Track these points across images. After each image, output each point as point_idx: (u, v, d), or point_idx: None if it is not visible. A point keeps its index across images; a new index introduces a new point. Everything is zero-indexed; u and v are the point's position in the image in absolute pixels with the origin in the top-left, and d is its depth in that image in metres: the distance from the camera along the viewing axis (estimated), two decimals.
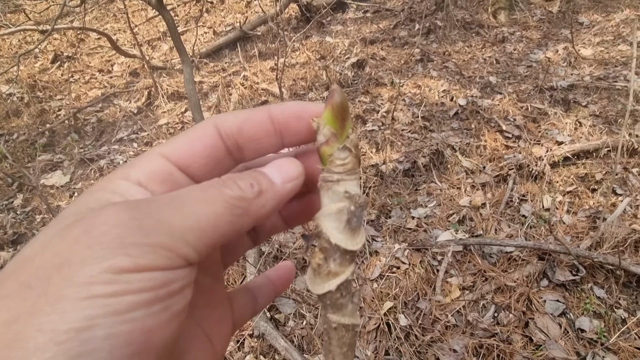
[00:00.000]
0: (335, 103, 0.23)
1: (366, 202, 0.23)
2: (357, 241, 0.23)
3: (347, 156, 0.23)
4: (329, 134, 0.23)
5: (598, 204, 1.84)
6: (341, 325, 0.23)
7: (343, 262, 0.23)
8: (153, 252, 0.18)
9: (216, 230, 0.20)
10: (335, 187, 0.23)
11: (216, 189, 0.21)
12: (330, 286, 0.23)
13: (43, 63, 4.14)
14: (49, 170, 2.67)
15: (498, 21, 4.00)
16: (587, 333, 1.34)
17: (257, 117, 0.24)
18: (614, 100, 2.58)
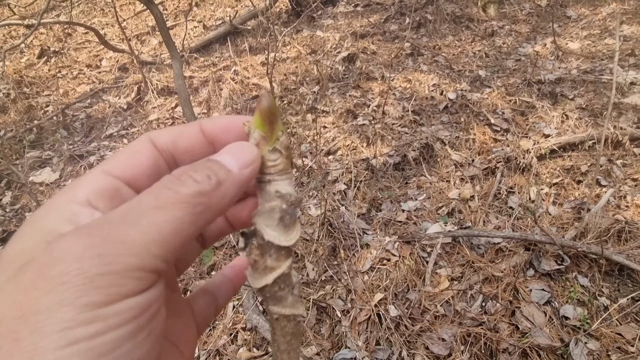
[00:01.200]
0: (263, 108, 0.24)
1: (298, 200, 0.24)
2: (290, 237, 0.24)
3: (278, 158, 0.24)
4: (258, 137, 0.24)
5: (583, 195, 1.88)
6: (282, 316, 0.24)
7: (279, 257, 0.24)
8: (122, 278, 0.16)
9: (180, 234, 0.19)
10: (267, 187, 0.24)
11: (170, 189, 0.19)
12: (267, 280, 0.24)
13: (29, 58, 4.08)
14: (38, 167, 2.65)
15: (488, 15, 4.02)
16: (571, 320, 1.39)
17: (189, 131, 0.25)
18: (599, 93, 2.63)
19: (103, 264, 0.16)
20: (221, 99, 3.12)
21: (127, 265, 0.17)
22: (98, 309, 0.16)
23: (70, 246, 0.17)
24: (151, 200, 0.19)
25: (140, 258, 0.17)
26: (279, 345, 0.25)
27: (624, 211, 1.75)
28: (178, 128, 0.25)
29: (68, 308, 0.15)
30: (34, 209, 2.29)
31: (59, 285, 0.16)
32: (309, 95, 3.01)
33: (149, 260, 0.17)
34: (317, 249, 1.81)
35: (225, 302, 0.30)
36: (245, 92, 3.17)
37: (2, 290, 0.17)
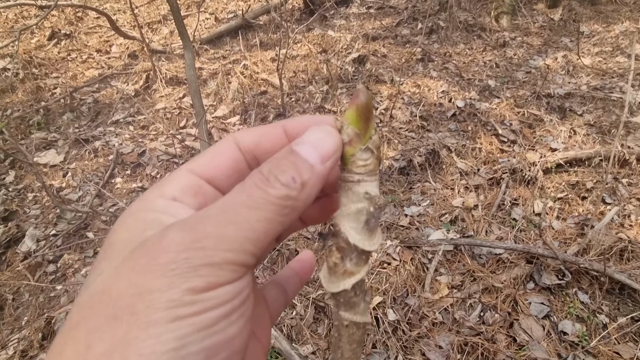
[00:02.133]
0: (361, 103, 0.23)
1: (385, 204, 0.24)
2: (374, 242, 0.23)
3: (369, 157, 0.23)
4: (352, 134, 0.23)
5: (587, 212, 1.88)
6: (352, 322, 0.24)
7: (359, 262, 0.23)
8: (220, 270, 0.19)
9: (269, 233, 0.21)
10: (356, 187, 0.23)
11: (260, 189, 0.21)
12: (345, 285, 0.23)
13: (40, 39, 4.07)
14: (43, 149, 2.65)
15: (500, 25, 4.02)
16: (569, 336, 1.38)
17: (272, 132, 0.25)
18: (608, 110, 2.62)
19: (205, 257, 0.19)
20: (229, 92, 3.12)
21: (225, 259, 0.19)
22: (200, 294, 0.18)
23: (178, 237, 0.19)
24: (245, 199, 0.21)
25: (236, 253, 0.19)
26: (342, 353, 0.24)
27: (627, 230, 1.75)
28: (262, 129, 0.26)
29: (176, 290, 0.18)
30: (37, 190, 2.29)
31: (169, 271, 0.18)
32: (318, 94, 3.01)
33: (242, 255, 0.20)
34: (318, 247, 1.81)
35: (294, 294, 0.32)
36: (253, 87, 3.17)
37: (119, 271, 0.19)
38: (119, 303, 0.18)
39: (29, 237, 1.99)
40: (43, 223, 2.10)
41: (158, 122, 2.85)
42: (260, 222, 0.20)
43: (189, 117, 2.90)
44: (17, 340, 1.56)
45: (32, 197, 2.29)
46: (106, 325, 0.18)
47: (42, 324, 1.59)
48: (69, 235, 2.01)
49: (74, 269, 1.85)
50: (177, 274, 0.18)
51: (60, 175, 2.42)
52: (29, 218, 2.14)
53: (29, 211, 2.19)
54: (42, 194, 2.25)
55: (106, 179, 2.36)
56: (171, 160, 2.48)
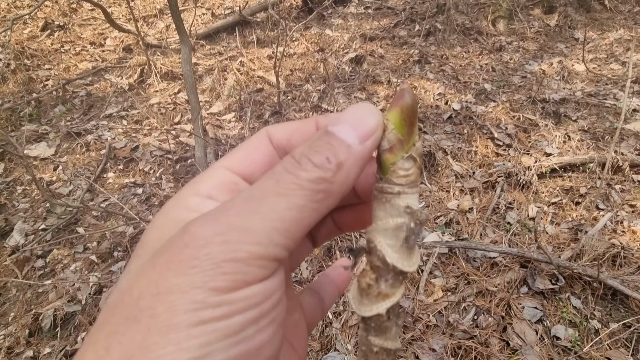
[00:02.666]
0: (406, 105, 0.20)
1: (427, 218, 0.21)
2: (413, 261, 0.21)
3: (412, 166, 0.21)
4: (394, 140, 0.21)
5: (581, 217, 1.89)
6: (383, 349, 0.21)
7: (395, 284, 0.21)
8: (246, 266, 0.17)
9: (302, 222, 0.19)
10: (396, 200, 0.21)
11: (290, 173, 0.19)
12: (379, 309, 0.21)
13: (32, 30, 4.00)
14: (33, 141, 2.59)
15: (497, 29, 4.04)
16: (562, 341, 1.39)
17: (305, 129, 0.24)
18: (602, 117, 2.65)
19: (229, 251, 0.17)
20: (225, 88, 3.09)
21: (251, 254, 0.17)
22: (225, 294, 0.17)
23: (199, 231, 0.17)
24: (272, 186, 0.19)
25: (263, 246, 0.17)
26: None
27: (620, 236, 1.77)
28: (295, 124, 0.24)
29: (198, 291, 0.16)
30: (27, 183, 2.25)
31: (190, 269, 0.17)
32: (314, 93, 2.99)
33: (271, 248, 0.18)
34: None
35: (331, 303, 0.30)
36: (249, 84, 3.14)
37: (143, 271, 0.18)
38: (140, 303, 0.17)
39: (18, 231, 1.95)
40: (32, 217, 2.06)
41: (152, 117, 2.82)
42: (290, 210, 0.18)
43: (183, 112, 2.87)
44: (3, 337, 1.52)
45: (22, 190, 2.24)
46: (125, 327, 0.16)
47: (29, 320, 1.55)
48: (58, 230, 1.97)
49: (63, 265, 1.81)
50: (199, 272, 0.17)
51: (50, 169, 2.38)
52: (17, 211, 2.10)
53: (18, 204, 2.14)
54: (32, 187, 2.21)
55: (98, 174, 2.32)
56: (165, 156, 2.44)
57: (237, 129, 2.71)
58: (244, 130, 2.67)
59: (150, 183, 2.28)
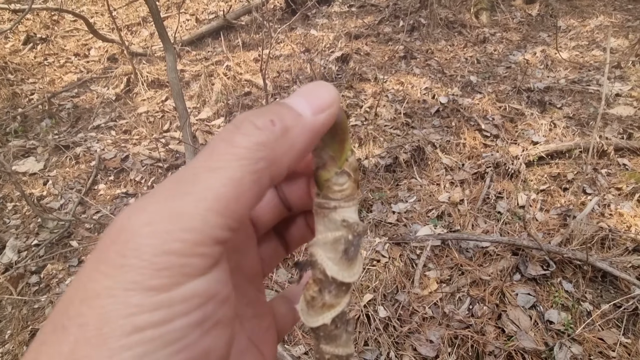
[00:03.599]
0: (335, 123, 0.20)
1: (365, 230, 0.22)
2: (354, 272, 0.21)
3: (346, 181, 0.21)
4: (326, 157, 0.21)
5: (569, 203, 1.92)
6: (334, 356, 0.22)
7: (339, 294, 0.21)
8: (183, 257, 0.15)
9: (243, 198, 0.16)
10: (332, 214, 0.21)
11: (226, 141, 0.16)
12: (324, 319, 0.21)
13: (14, 44, 3.96)
14: (21, 157, 2.57)
15: (480, 22, 4.08)
16: (555, 325, 1.41)
17: None
18: (586, 103, 2.69)
19: (159, 244, 0.15)
20: (213, 93, 3.09)
21: (185, 242, 0.15)
22: (162, 294, 0.14)
23: (125, 223, 0.15)
24: (205, 159, 0.16)
25: (199, 232, 0.15)
26: None
27: (607, 219, 1.80)
28: None
29: (132, 293, 0.14)
30: (17, 199, 2.23)
31: (119, 268, 0.14)
32: None
33: (208, 231, 0.15)
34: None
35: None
36: (237, 88, 3.14)
37: (77, 273, 0.16)
38: (69, 310, 0.15)
39: (10, 248, 1.94)
40: (24, 233, 2.05)
41: (141, 126, 2.81)
42: (225, 186, 0.16)
43: (172, 120, 2.86)
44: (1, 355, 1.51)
45: (12, 206, 2.23)
46: (54, 338, 0.14)
47: (27, 337, 1.55)
48: (51, 245, 1.96)
49: (58, 279, 1.81)
50: (129, 271, 0.14)
51: (40, 184, 2.36)
52: (9, 228, 2.08)
53: (9, 221, 2.13)
54: (22, 203, 2.19)
55: (89, 186, 2.31)
56: (155, 165, 2.44)
57: None
58: None
59: (142, 192, 2.27)
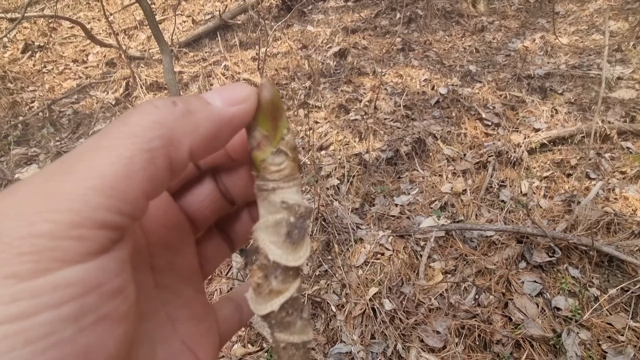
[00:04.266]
0: (265, 100, 0.20)
1: (308, 211, 0.21)
2: (299, 255, 0.21)
3: (283, 161, 0.20)
4: (259, 136, 0.20)
5: (573, 188, 1.91)
6: (290, 344, 0.21)
7: (286, 279, 0.20)
8: (55, 240, 0.13)
9: (133, 178, 0.14)
10: (272, 196, 0.20)
11: (120, 121, 0.15)
12: (272, 306, 0.20)
13: (13, 53, 3.98)
14: (24, 164, 2.59)
15: (477, 10, 4.04)
16: (563, 311, 1.41)
17: None
18: (587, 88, 2.66)
19: (25, 225, 0.13)
20: None
21: (58, 224, 0.13)
22: (24, 282, 0.12)
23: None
24: (94, 141, 0.15)
25: (75, 213, 0.13)
26: None
27: (612, 203, 1.78)
28: None
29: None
30: None
31: None
32: (301, 90, 2.99)
33: (89, 213, 0.13)
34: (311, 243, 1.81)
35: (251, 313, 0.27)
36: None
37: None
38: None
39: None
40: None
41: None
42: (113, 164, 0.14)
43: None
44: None
45: None
46: None
47: None
48: None
49: None
50: None
51: None
52: None
53: None
54: None
55: None
56: None
57: None
58: None
59: None
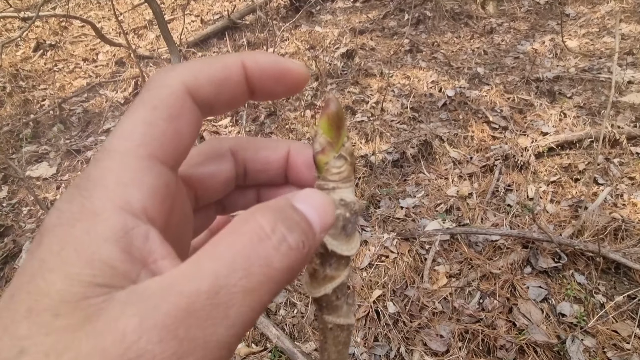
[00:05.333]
0: (331, 112, 0.23)
1: (361, 208, 0.24)
2: (352, 246, 0.24)
3: (343, 164, 0.24)
4: (324, 142, 0.24)
5: (580, 194, 1.89)
6: (336, 325, 0.24)
7: (339, 267, 0.24)
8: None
9: (254, 320, 0.15)
10: (331, 194, 0.23)
11: (264, 261, 0.15)
12: (326, 289, 0.23)
13: (25, 51, 4.03)
14: (35, 162, 2.63)
15: (487, 12, 4.02)
16: (568, 317, 1.40)
17: (233, 78, 0.19)
18: (597, 91, 2.63)
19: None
20: None
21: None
22: None
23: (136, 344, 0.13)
24: (242, 278, 0.15)
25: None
26: (329, 355, 0.24)
27: (620, 209, 1.77)
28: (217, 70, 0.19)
29: None
30: (31, 203, 2.28)
31: None
32: (308, 91, 3.00)
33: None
34: None
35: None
36: None
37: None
38: None
39: (26, 252, 1.99)
40: None
41: None
42: (254, 311, 0.15)
43: None
44: None
45: (27, 211, 2.28)
46: None
47: None
48: None
49: None
50: None
51: (54, 188, 2.41)
52: (24, 232, 2.13)
53: (25, 225, 2.18)
54: (37, 207, 2.24)
55: None
56: None
57: (233, 133, 2.73)
58: (241, 134, 2.69)
59: None
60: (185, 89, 0.18)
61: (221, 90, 0.19)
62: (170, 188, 0.17)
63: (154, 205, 0.16)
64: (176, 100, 0.17)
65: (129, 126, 0.17)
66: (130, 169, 0.16)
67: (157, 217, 0.16)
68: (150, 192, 0.16)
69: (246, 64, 0.19)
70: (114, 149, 0.16)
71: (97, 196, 0.15)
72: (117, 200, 0.15)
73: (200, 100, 0.18)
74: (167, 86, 0.17)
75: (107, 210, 0.15)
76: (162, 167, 0.17)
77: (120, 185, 0.15)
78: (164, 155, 0.17)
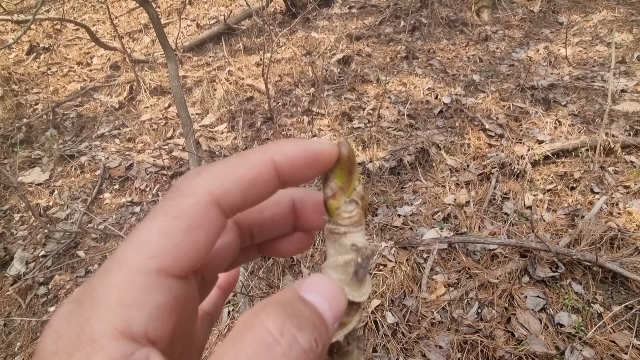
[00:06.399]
0: (343, 157, 0.23)
1: (373, 252, 0.23)
2: (363, 292, 0.23)
3: (354, 209, 0.23)
4: (336, 187, 0.23)
5: (576, 202, 1.90)
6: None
7: (350, 313, 0.23)
8: None
9: None
10: (342, 239, 0.23)
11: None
12: (338, 337, 0.22)
13: (18, 54, 3.99)
14: (27, 167, 2.59)
15: (481, 20, 4.05)
16: (566, 328, 1.40)
17: (262, 178, 0.19)
18: (591, 100, 2.66)
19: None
20: (215, 99, 3.09)
21: None
22: None
23: None
24: None
25: None
26: None
27: (616, 218, 1.78)
28: (244, 175, 0.18)
29: None
30: (23, 210, 2.24)
31: None
32: (304, 97, 3.00)
33: None
34: (313, 254, 1.80)
35: (218, 312, 0.27)
36: (239, 93, 3.15)
37: None
38: None
39: (18, 260, 1.95)
40: (31, 244, 2.06)
41: (144, 134, 2.82)
42: None
43: (175, 126, 2.87)
44: None
45: (19, 217, 2.24)
46: None
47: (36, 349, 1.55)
48: (59, 255, 1.97)
49: (65, 290, 1.81)
50: None
51: (46, 194, 2.37)
52: (16, 240, 2.10)
53: (16, 232, 2.14)
54: (29, 214, 2.21)
55: (94, 195, 2.32)
56: (160, 172, 2.45)
57: (230, 139, 2.72)
58: (237, 140, 2.67)
59: (147, 201, 2.28)
60: (212, 198, 0.17)
61: (249, 192, 0.18)
62: (179, 300, 0.17)
63: (157, 325, 0.16)
64: (199, 211, 0.17)
65: (144, 235, 0.17)
66: (135, 286, 0.16)
67: (160, 336, 0.16)
68: (155, 311, 0.16)
69: (275, 160, 0.19)
70: (123, 261, 0.16)
71: (97, 319, 0.15)
72: (117, 324, 0.15)
73: (227, 205, 0.18)
74: (192, 195, 0.17)
75: (106, 336, 0.14)
76: (171, 281, 0.16)
77: (122, 307, 0.15)
78: (177, 268, 0.16)
